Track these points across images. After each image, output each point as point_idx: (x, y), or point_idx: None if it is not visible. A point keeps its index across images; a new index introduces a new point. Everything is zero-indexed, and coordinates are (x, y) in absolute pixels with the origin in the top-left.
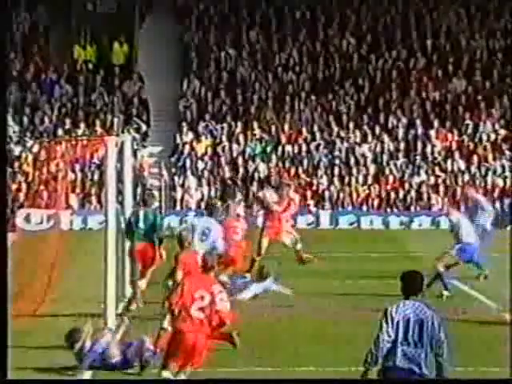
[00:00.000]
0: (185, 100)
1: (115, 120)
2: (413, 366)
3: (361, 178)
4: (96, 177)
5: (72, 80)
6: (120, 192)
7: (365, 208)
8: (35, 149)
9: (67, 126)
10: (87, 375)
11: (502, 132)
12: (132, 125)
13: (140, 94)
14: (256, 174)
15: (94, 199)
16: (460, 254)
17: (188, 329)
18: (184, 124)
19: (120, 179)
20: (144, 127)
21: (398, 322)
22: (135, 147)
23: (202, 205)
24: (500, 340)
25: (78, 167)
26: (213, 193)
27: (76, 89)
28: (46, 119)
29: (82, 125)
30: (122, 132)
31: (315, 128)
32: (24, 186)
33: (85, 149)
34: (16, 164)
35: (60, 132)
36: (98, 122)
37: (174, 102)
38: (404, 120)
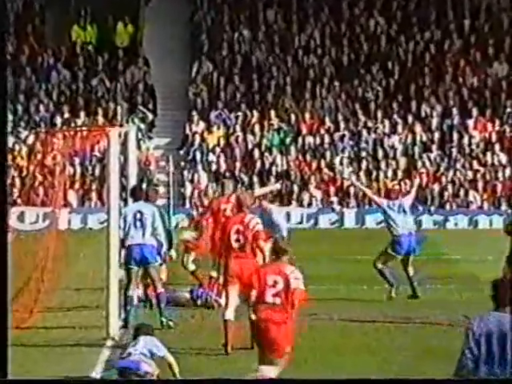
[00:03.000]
0: (195, 86)
1: (118, 108)
2: None
3: (390, 173)
4: (97, 171)
5: (71, 64)
6: (123, 188)
7: None
8: (30, 140)
9: (65, 115)
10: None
11: None
12: (137, 114)
13: (146, 79)
14: (273, 168)
15: (94, 196)
16: (394, 248)
17: (261, 317)
18: (194, 113)
19: (123, 174)
20: (150, 116)
21: (480, 337)
22: (140, 138)
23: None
24: None
25: (77, 161)
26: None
27: (75, 74)
28: (42, 108)
29: (82, 114)
30: (126, 122)
31: (339, 117)
32: (18, 181)
33: (85, 140)
34: (9, 157)
35: (57, 122)
36: (99, 111)
37: (183, 89)
38: (438, 108)
